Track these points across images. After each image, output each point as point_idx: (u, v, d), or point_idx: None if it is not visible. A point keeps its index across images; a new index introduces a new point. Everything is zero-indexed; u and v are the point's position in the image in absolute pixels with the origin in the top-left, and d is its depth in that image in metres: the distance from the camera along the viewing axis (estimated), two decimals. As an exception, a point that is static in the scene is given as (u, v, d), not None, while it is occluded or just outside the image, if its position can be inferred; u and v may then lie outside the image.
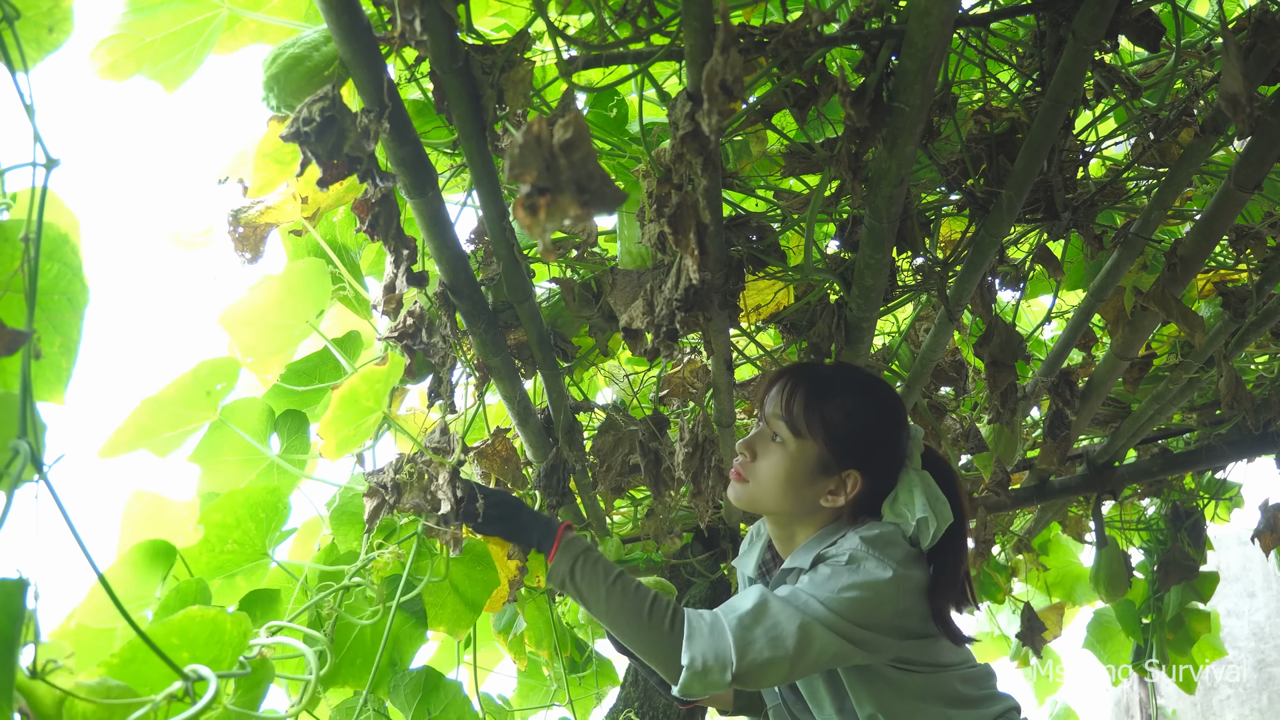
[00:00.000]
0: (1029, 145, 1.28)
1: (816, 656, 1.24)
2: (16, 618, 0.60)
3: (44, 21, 0.89)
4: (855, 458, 1.38)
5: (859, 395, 1.40)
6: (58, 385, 0.86)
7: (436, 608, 1.67)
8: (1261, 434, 2.53)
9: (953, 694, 1.36)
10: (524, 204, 0.69)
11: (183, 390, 1.63)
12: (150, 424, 1.63)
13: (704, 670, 1.23)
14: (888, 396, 1.43)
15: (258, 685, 1.02)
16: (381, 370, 1.47)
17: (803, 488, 1.39)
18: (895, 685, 1.34)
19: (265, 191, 1.46)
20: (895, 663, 1.33)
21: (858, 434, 1.38)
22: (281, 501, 1.54)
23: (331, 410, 1.46)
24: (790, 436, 1.39)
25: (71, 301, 0.86)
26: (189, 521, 1.57)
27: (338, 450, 1.50)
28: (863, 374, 1.46)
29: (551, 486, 1.73)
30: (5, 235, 0.78)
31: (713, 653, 1.24)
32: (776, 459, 1.40)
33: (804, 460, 1.38)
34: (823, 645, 1.24)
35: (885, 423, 1.40)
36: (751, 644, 1.23)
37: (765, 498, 1.42)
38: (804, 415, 1.39)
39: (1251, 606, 6.31)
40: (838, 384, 1.41)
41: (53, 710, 0.73)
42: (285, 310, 1.66)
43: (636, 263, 1.43)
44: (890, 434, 1.40)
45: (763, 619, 1.25)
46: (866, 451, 1.38)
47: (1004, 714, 1.39)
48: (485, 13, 1.47)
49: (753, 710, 1.71)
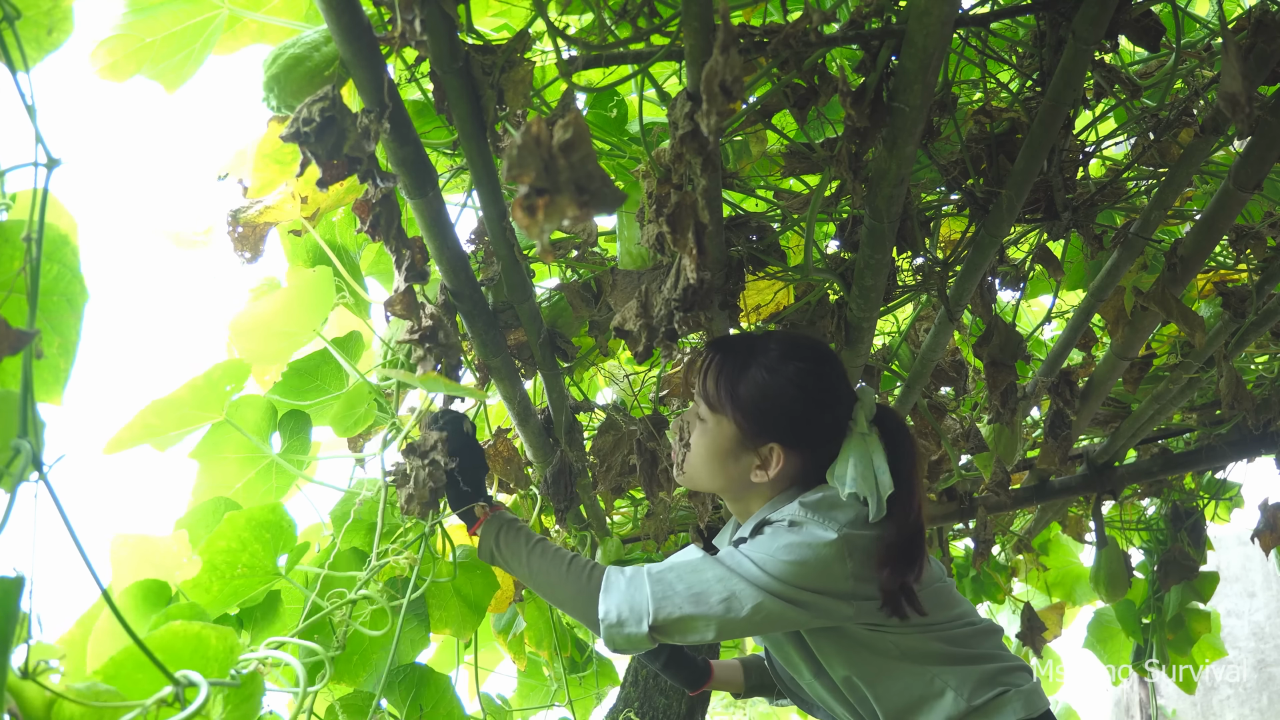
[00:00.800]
0: (1029, 145, 1.28)
1: (749, 618, 1.22)
2: (11, 616, 0.60)
3: (44, 21, 0.89)
4: (771, 433, 1.34)
5: (774, 369, 1.34)
6: (56, 386, 0.86)
7: (440, 610, 1.67)
8: (1261, 434, 2.53)
9: (939, 652, 1.32)
10: (523, 205, 0.69)
11: (195, 391, 1.63)
12: (158, 423, 1.63)
13: (619, 623, 1.24)
14: (809, 368, 1.35)
15: (249, 699, 1.01)
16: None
17: (728, 464, 1.36)
18: (869, 646, 1.31)
19: (265, 192, 1.46)
20: (865, 624, 1.30)
21: (769, 409, 1.33)
22: (284, 519, 1.53)
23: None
24: (709, 413, 1.38)
25: (70, 302, 0.86)
26: (180, 555, 1.55)
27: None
28: (785, 345, 1.37)
29: (559, 491, 1.72)
30: (5, 236, 0.79)
31: (628, 605, 1.24)
32: (699, 437, 1.39)
33: (722, 437, 1.36)
34: (755, 606, 1.22)
35: (802, 397, 1.33)
36: (670, 598, 1.23)
37: (698, 477, 1.40)
38: (716, 392, 1.36)
39: (1251, 606, 6.31)
40: (755, 357, 1.35)
41: (42, 712, 0.73)
42: (292, 319, 1.65)
43: (637, 263, 1.43)
44: (809, 407, 1.34)
45: (687, 575, 1.25)
46: (783, 426, 1.34)
47: (1002, 673, 1.33)
48: (485, 13, 1.47)
49: (765, 692, 1.71)
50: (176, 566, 1.53)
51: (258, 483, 1.78)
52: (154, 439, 1.65)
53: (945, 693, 1.30)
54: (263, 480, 1.78)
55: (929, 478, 2.19)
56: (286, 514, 1.54)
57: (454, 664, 2.06)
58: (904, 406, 1.97)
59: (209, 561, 1.48)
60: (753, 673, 1.71)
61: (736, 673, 1.72)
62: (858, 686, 1.33)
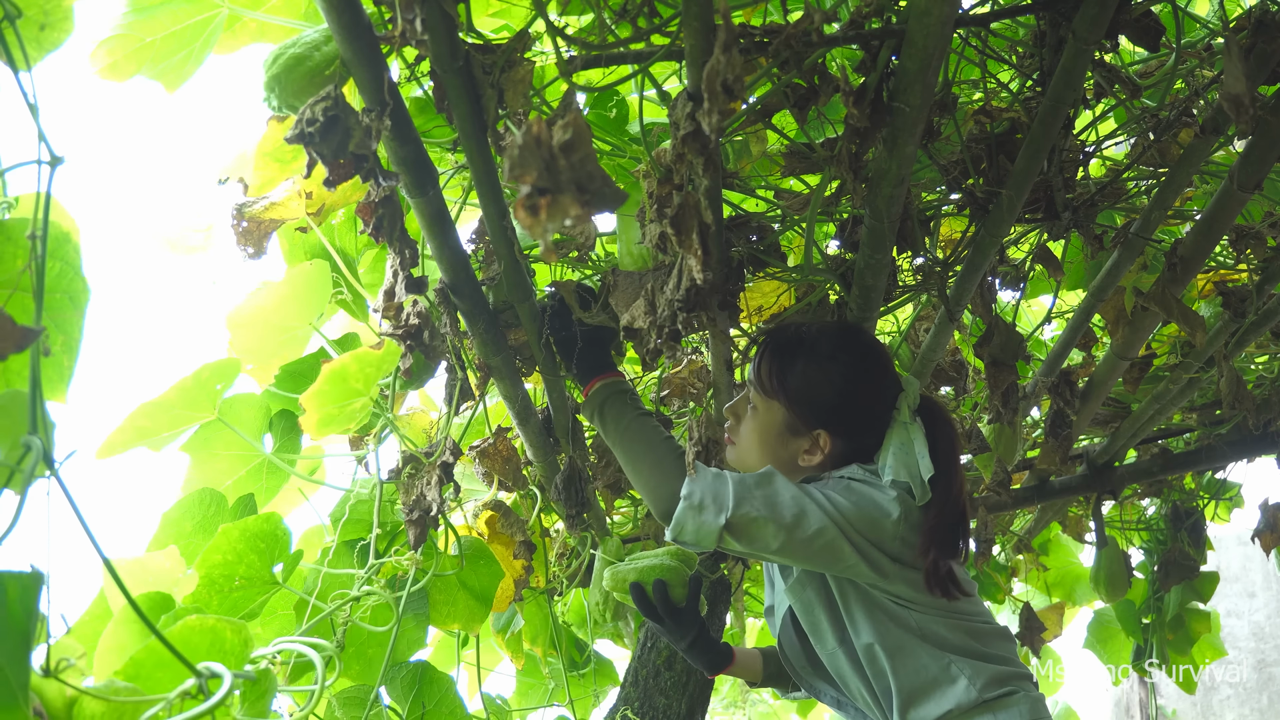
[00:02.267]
0: (1029, 145, 1.28)
1: (812, 539, 1.27)
2: (32, 612, 0.60)
3: (44, 20, 0.89)
4: (819, 419, 1.41)
5: (823, 360, 1.42)
6: (60, 383, 0.86)
7: (448, 605, 1.67)
8: (1261, 434, 2.54)
9: (957, 642, 1.35)
10: (525, 204, 0.69)
11: (184, 392, 1.63)
12: (149, 425, 1.62)
13: (699, 506, 1.28)
14: (856, 360, 1.43)
15: (263, 695, 1.02)
16: (375, 354, 1.48)
17: (777, 448, 1.43)
18: (896, 619, 1.35)
19: (266, 190, 1.46)
20: (895, 598, 1.35)
21: (818, 397, 1.41)
22: (279, 528, 1.52)
23: (319, 383, 1.46)
24: (760, 399, 1.45)
25: (73, 300, 0.86)
26: (174, 572, 1.54)
27: (319, 426, 1.51)
28: (836, 336, 1.46)
29: (570, 497, 1.72)
30: (8, 234, 0.79)
31: (711, 493, 1.29)
32: (750, 421, 1.47)
33: (772, 422, 1.44)
34: (820, 529, 1.27)
35: (849, 387, 1.41)
36: (749, 499, 1.28)
37: (747, 458, 1.47)
38: (768, 379, 1.44)
39: (1251, 606, 6.31)
40: (804, 347, 1.43)
41: (63, 710, 0.73)
42: (287, 312, 1.65)
43: (637, 264, 1.43)
44: (854, 398, 1.41)
45: (765, 485, 1.31)
46: (830, 413, 1.41)
47: (1013, 676, 1.35)
48: (485, 12, 1.47)
49: (780, 681, 1.71)
50: (173, 584, 1.52)
51: (249, 480, 1.77)
52: (146, 441, 1.65)
53: (959, 680, 1.33)
54: (255, 478, 1.78)
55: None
56: (281, 522, 1.53)
57: (454, 662, 2.07)
58: (904, 406, 1.97)
59: (206, 576, 1.47)
60: (771, 662, 1.72)
61: (756, 660, 1.73)
62: (878, 658, 1.35)
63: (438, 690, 1.66)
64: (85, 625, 1.46)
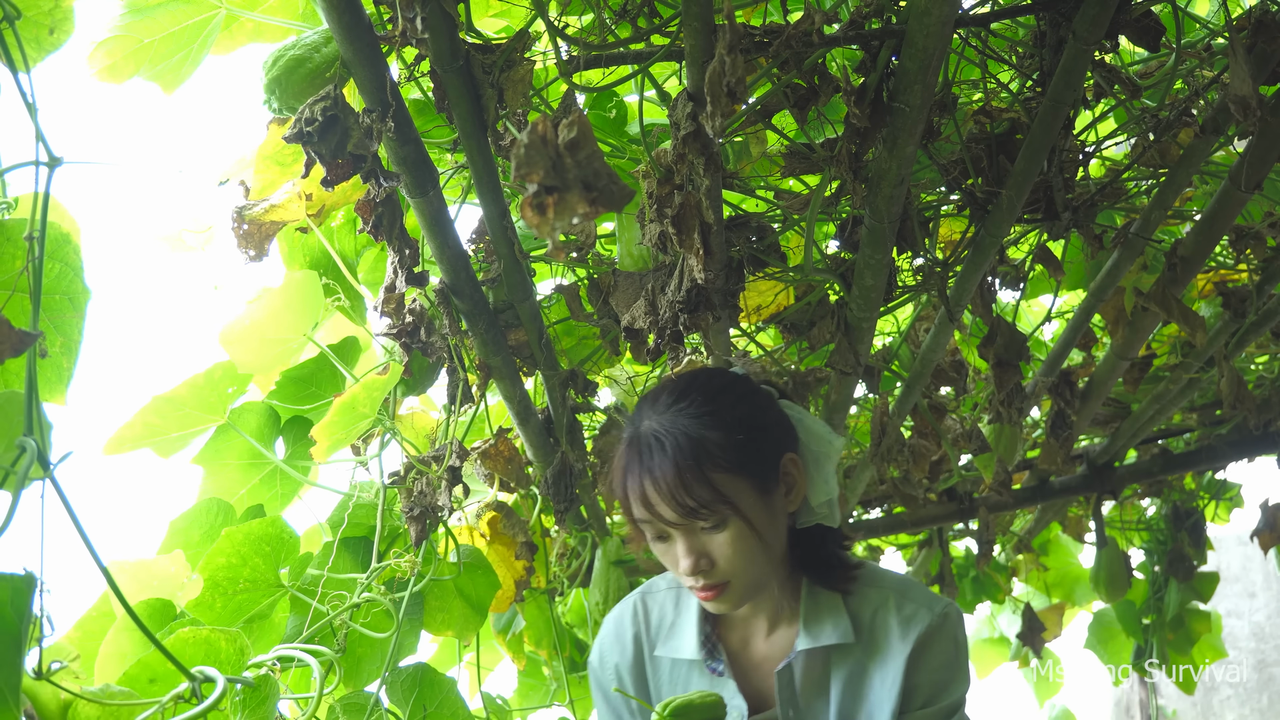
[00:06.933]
0: (1029, 145, 1.28)
1: None
2: (24, 615, 0.60)
3: (45, 21, 0.89)
4: (774, 448, 1.25)
5: (713, 416, 1.19)
6: (59, 385, 0.86)
7: (443, 612, 1.66)
8: (1262, 434, 2.54)
9: None
10: (532, 203, 0.69)
11: (195, 390, 1.62)
12: (159, 423, 1.62)
13: None
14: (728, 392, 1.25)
15: (264, 702, 1.02)
16: (381, 379, 1.49)
17: (774, 532, 1.23)
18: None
19: (267, 193, 1.46)
20: None
21: (744, 442, 1.19)
22: (284, 531, 1.51)
23: (330, 415, 1.47)
24: (718, 512, 1.17)
25: (73, 301, 0.86)
26: (179, 576, 1.54)
27: (328, 451, 1.52)
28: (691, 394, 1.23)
29: (559, 492, 1.72)
30: (7, 235, 0.78)
31: None
32: (729, 541, 1.18)
33: (749, 507, 1.18)
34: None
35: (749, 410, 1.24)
36: None
37: (757, 580, 1.23)
38: (698, 485, 1.15)
39: (1251, 606, 6.31)
40: (688, 428, 1.18)
41: (58, 713, 0.73)
42: (282, 324, 1.64)
43: (637, 264, 1.43)
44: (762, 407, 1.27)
45: None
46: (770, 433, 1.26)
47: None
48: (485, 12, 1.47)
49: None
50: (178, 588, 1.51)
51: (261, 489, 1.77)
52: (156, 440, 1.64)
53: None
54: (266, 487, 1.77)
55: (929, 478, 2.18)
56: (286, 525, 1.52)
57: (454, 663, 2.06)
58: (904, 407, 1.97)
59: (210, 579, 1.47)
60: None
61: None
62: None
63: (439, 692, 1.65)
64: (91, 627, 1.45)
